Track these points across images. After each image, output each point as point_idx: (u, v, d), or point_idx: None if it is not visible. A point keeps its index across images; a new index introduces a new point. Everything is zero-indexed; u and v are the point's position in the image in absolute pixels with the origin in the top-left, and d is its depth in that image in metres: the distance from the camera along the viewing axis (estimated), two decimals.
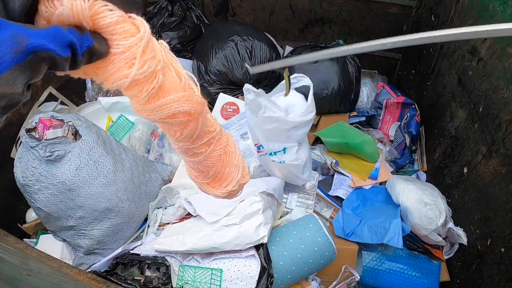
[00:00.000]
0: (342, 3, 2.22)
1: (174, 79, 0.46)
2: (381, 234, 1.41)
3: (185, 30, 2.33)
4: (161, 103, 0.45)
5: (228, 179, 0.63)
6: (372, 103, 2.19)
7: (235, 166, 0.63)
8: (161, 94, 0.45)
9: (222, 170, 0.62)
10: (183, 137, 0.52)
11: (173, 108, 0.46)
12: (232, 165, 0.63)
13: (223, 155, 0.61)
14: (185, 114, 0.48)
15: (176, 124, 0.49)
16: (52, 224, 1.34)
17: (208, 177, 0.62)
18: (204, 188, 0.65)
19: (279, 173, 1.56)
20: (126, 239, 1.42)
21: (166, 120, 0.47)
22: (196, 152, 0.56)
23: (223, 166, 0.61)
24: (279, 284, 1.22)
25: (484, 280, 1.29)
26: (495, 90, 1.31)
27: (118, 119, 1.71)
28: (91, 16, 0.38)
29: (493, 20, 1.33)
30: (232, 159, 0.62)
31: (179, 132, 0.51)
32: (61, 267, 0.84)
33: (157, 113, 0.46)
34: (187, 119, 0.49)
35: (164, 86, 0.45)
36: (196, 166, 0.59)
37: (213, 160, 0.59)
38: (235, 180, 0.64)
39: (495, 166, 1.28)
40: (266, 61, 1.96)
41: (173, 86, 0.46)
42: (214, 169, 0.60)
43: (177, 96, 0.46)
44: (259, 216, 1.19)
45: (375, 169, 1.76)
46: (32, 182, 1.24)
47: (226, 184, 0.63)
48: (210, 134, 0.56)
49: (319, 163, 1.78)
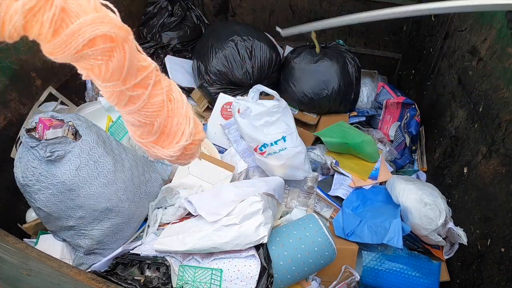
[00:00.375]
0: (342, 3, 2.22)
1: (79, 3, 0.40)
2: (381, 234, 1.41)
3: (185, 30, 2.33)
4: (72, 30, 0.39)
5: (179, 132, 0.54)
6: (372, 103, 2.19)
7: (184, 116, 0.55)
8: (68, 19, 0.39)
9: (169, 122, 0.53)
10: (110, 73, 0.44)
11: (88, 32, 0.40)
12: (180, 114, 0.54)
13: (167, 102, 0.52)
14: (105, 38, 0.42)
15: (98, 55, 0.42)
16: (52, 224, 1.34)
17: (153, 132, 0.53)
18: (153, 150, 0.55)
19: (281, 170, 1.58)
20: (126, 239, 1.42)
21: (85, 52, 0.40)
22: (132, 96, 0.48)
23: (169, 116, 0.53)
24: (279, 284, 1.22)
25: (484, 280, 1.29)
26: (495, 90, 1.31)
27: (118, 119, 1.71)
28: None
29: (493, 20, 1.33)
30: (178, 107, 0.54)
31: (104, 66, 0.43)
32: (61, 267, 0.84)
33: (71, 44, 0.39)
34: (109, 45, 0.42)
35: (69, 10, 0.39)
36: (137, 117, 0.50)
37: (155, 107, 0.50)
38: (187, 132, 0.54)
39: (495, 166, 1.28)
40: (266, 61, 1.95)
41: (81, 8, 0.40)
42: (159, 119, 0.52)
43: (88, 18, 0.40)
44: (259, 216, 1.19)
45: (375, 169, 1.76)
46: (32, 182, 1.24)
47: (177, 139, 0.54)
48: (144, 71, 0.48)
49: (319, 163, 1.78)
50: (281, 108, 1.57)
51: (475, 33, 1.46)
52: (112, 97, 0.47)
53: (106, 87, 0.46)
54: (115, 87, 0.46)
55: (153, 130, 0.52)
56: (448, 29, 1.72)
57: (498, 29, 1.30)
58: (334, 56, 1.95)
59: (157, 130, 0.52)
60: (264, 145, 1.56)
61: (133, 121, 0.51)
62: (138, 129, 0.53)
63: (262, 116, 1.55)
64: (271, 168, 1.60)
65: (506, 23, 0.85)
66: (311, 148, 1.86)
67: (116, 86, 0.45)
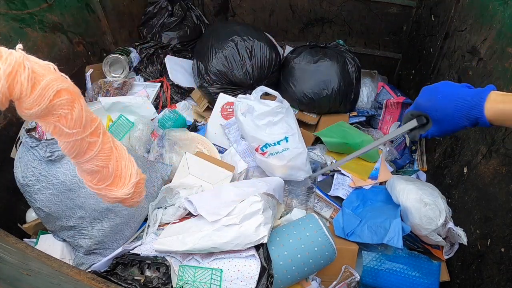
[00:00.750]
0: (342, 3, 2.22)
1: (41, 65, 0.51)
2: (381, 234, 1.41)
3: (185, 30, 2.33)
4: (44, 84, 0.50)
5: (128, 172, 0.65)
6: (372, 103, 2.19)
7: (128, 159, 0.66)
8: (38, 78, 0.50)
9: (119, 165, 0.64)
10: (74, 121, 0.55)
11: (55, 85, 0.51)
12: (125, 158, 0.65)
13: (114, 149, 0.63)
14: (67, 92, 0.53)
15: (64, 105, 0.53)
16: (52, 224, 1.34)
17: (109, 175, 0.63)
18: (111, 193, 0.65)
19: (282, 171, 1.58)
20: (126, 239, 1.42)
21: (55, 101, 0.51)
22: (90, 142, 0.59)
23: (118, 161, 0.64)
24: (279, 284, 1.22)
25: (484, 280, 1.29)
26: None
27: (118, 119, 1.71)
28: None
29: (493, 20, 1.33)
30: (122, 152, 0.65)
31: (70, 115, 0.54)
32: (61, 267, 0.84)
33: (45, 95, 0.50)
34: (70, 97, 0.54)
35: (36, 71, 0.50)
36: (95, 162, 0.61)
37: (107, 152, 0.62)
38: (134, 172, 0.66)
39: (495, 166, 1.28)
40: (266, 61, 1.95)
41: (44, 70, 0.51)
42: (111, 163, 0.63)
43: (53, 76, 0.52)
44: (259, 216, 1.19)
45: (375, 169, 1.76)
46: (32, 182, 1.24)
47: (128, 179, 0.65)
48: (96, 121, 0.60)
49: (319, 163, 1.78)
50: (284, 108, 1.58)
51: (475, 33, 1.46)
52: (75, 146, 0.58)
53: (73, 135, 0.56)
54: (78, 135, 0.57)
55: (108, 173, 0.63)
56: (448, 29, 1.72)
57: (498, 29, 1.30)
58: (334, 56, 1.95)
59: (111, 173, 0.63)
60: (266, 145, 1.57)
61: (92, 168, 0.62)
62: (96, 176, 0.63)
63: (266, 116, 1.56)
64: (272, 168, 1.60)
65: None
66: (311, 148, 1.86)
67: (79, 134, 0.57)
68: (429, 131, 0.88)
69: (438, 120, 0.84)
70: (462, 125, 0.80)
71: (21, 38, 1.60)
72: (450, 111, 0.80)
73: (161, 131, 1.72)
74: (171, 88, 2.03)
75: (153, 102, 1.95)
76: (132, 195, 0.67)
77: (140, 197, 0.69)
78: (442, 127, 0.84)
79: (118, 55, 2.02)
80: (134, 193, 0.67)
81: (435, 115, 0.84)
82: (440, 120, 0.84)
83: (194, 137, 1.74)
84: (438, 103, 0.83)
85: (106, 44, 2.19)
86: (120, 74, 2.04)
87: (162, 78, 2.07)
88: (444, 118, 0.83)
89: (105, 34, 2.16)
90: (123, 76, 2.04)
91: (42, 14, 1.69)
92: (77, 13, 1.92)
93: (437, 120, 0.85)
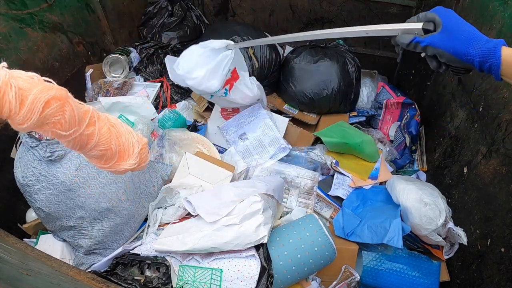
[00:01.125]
0: (342, 3, 2.22)
1: (27, 80, 0.53)
2: (381, 234, 1.41)
3: (185, 30, 2.33)
4: (32, 99, 0.52)
5: (130, 144, 0.70)
6: (372, 103, 2.19)
7: (127, 132, 0.70)
8: (25, 94, 0.52)
9: (121, 141, 0.69)
10: (69, 123, 0.58)
11: (43, 97, 0.53)
12: (124, 132, 0.70)
13: (112, 128, 0.67)
14: (55, 99, 0.55)
15: (56, 112, 0.55)
16: (52, 224, 1.34)
17: (114, 154, 0.68)
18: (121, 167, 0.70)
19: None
20: (126, 239, 1.42)
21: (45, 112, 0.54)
22: (89, 134, 0.63)
23: (118, 137, 0.69)
24: (279, 284, 1.22)
25: (484, 280, 1.29)
26: (495, 90, 1.31)
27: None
28: None
29: (493, 20, 1.33)
30: (120, 128, 0.69)
31: (63, 119, 0.57)
32: (61, 267, 0.84)
33: (35, 109, 0.52)
34: (59, 103, 0.56)
35: (23, 87, 0.52)
36: (99, 148, 0.65)
37: (107, 136, 0.66)
38: (135, 142, 0.71)
39: (495, 166, 1.28)
40: (266, 61, 1.96)
41: (30, 85, 0.53)
42: (113, 142, 0.67)
43: (39, 88, 0.53)
44: (259, 216, 1.19)
45: (375, 169, 1.76)
46: (32, 182, 1.24)
47: (131, 150, 0.71)
48: (88, 113, 0.63)
49: (319, 163, 1.78)
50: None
51: None
52: (76, 142, 0.61)
53: (71, 135, 0.59)
54: (76, 132, 0.60)
55: (113, 152, 0.67)
56: None
57: (498, 29, 1.30)
58: (334, 56, 1.95)
59: (115, 151, 0.68)
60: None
61: (97, 153, 0.66)
62: (102, 158, 0.67)
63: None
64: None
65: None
66: (311, 148, 1.86)
67: (77, 131, 0.60)
68: (431, 37, 0.75)
69: (450, 30, 0.72)
70: (470, 51, 0.70)
71: (21, 38, 1.60)
72: (467, 29, 0.71)
73: (161, 131, 1.72)
74: (171, 88, 2.03)
75: (153, 102, 1.95)
76: (139, 162, 0.72)
77: (146, 161, 0.74)
78: (449, 40, 0.72)
79: (118, 55, 2.02)
80: (141, 159, 0.72)
81: (451, 23, 0.73)
82: (452, 31, 0.72)
83: (194, 137, 1.74)
84: (461, 20, 0.74)
85: (106, 44, 2.19)
86: (120, 74, 2.04)
87: (162, 78, 2.07)
88: (458, 31, 0.71)
89: (105, 34, 2.16)
90: (123, 76, 2.04)
91: (42, 14, 1.69)
92: (77, 13, 1.92)
93: (450, 29, 0.72)
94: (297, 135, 1.89)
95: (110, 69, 2.04)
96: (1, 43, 1.51)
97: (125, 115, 1.73)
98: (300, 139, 1.89)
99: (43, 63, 1.73)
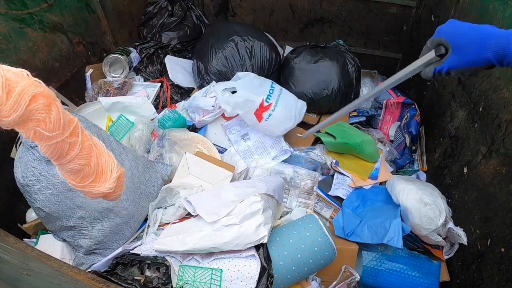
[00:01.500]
0: (342, 3, 2.22)
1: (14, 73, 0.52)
2: (381, 234, 1.41)
3: (185, 30, 2.33)
4: (19, 90, 0.51)
5: (109, 167, 0.68)
6: (372, 103, 2.19)
7: (107, 155, 0.68)
8: (12, 85, 0.50)
9: (100, 161, 0.66)
10: (53, 124, 0.56)
11: (30, 90, 0.52)
12: (104, 154, 0.67)
13: (93, 146, 0.65)
14: (43, 96, 0.54)
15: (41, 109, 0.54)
16: (52, 224, 1.34)
17: (92, 172, 0.65)
18: (95, 189, 0.68)
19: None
20: (126, 239, 1.42)
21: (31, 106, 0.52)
22: (71, 143, 0.61)
23: (98, 157, 0.66)
24: (279, 284, 1.22)
25: (484, 280, 1.29)
26: (495, 90, 1.31)
27: (118, 119, 1.71)
28: None
29: (493, 19, 1.33)
30: (101, 149, 0.67)
31: (48, 118, 0.55)
32: (61, 267, 0.84)
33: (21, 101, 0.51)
34: (47, 101, 0.55)
35: (10, 79, 0.50)
36: (77, 161, 0.63)
37: (88, 150, 0.64)
38: (114, 166, 0.68)
39: (495, 166, 1.28)
40: (266, 61, 1.95)
41: (18, 77, 0.51)
42: (93, 160, 0.65)
43: (27, 82, 0.52)
44: (259, 216, 1.19)
45: (375, 169, 1.76)
46: (32, 182, 1.24)
47: (109, 174, 0.67)
48: (73, 122, 0.61)
49: (319, 163, 1.78)
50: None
51: None
52: (57, 149, 0.59)
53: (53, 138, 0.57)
54: (59, 137, 0.58)
55: (91, 170, 0.65)
56: None
57: None
58: (334, 56, 1.95)
59: (94, 169, 0.65)
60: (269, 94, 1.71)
61: (74, 167, 0.64)
62: (79, 174, 0.65)
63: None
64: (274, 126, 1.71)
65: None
66: (311, 148, 1.86)
67: (59, 136, 0.58)
68: (447, 61, 0.77)
69: (460, 47, 0.74)
70: (486, 57, 0.71)
71: (21, 38, 1.60)
72: (474, 38, 0.72)
73: (161, 131, 1.72)
74: (171, 88, 2.03)
75: (153, 102, 1.95)
76: (114, 189, 0.69)
77: (121, 190, 0.72)
78: (463, 56, 0.74)
79: (118, 55, 2.02)
80: (116, 186, 0.69)
81: (457, 41, 0.75)
82: (462, 47, 0.74)
83: (194, 137, 1.74)
84: (463, 28, 0.75)
85: (106, 44, 2.19)
86: (120, 74, 2.04)
87: (162, 78, 2.07)
88: (467, 45, 0.73)
89: (105, 34, 2.16)
90: (123, 76, 2.04)
91: (42, 14, 1.70)
92: (77, 13, 1.92)
93: (459, 46, 0.74)
94: (297, 135, 1.89)
95: (110, 69, 2.04)
96: (1, 43, 1.51)
97: (125, 115, 1.73)
98: (300, 139, 1.89)
99: (43, 63, 1.73)
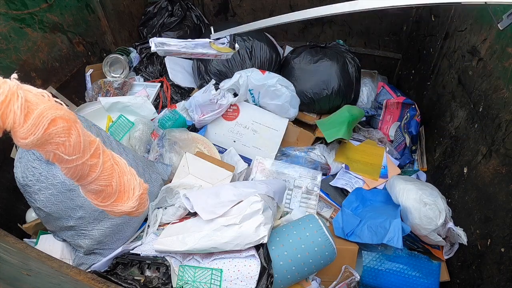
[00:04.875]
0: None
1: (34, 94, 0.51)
2: (381, 234, 1.41)
3: (185, 30, 2.33)
4: (38, 113, 0.50)
5: (131, 186, 0.67)
6: (372, 103, 2.19)
7: (130, 173, 0.67)
8: (31, 107, 0.50)
9: (122, 180, 0.66)
10: (73, 148, 0.55)
11: (50, 114, 0.51)
12: (126, 172, 0.66)
13: (115, 165, 0.64)
14: (63, 119, 0.53)
15: (61, 133, 0.53)
16: (52, 224, 1.34)
17: (113, 192, 0.65)
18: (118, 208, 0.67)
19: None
20: (126, 239, 1.42)
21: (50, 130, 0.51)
22: (91, 165, 0.60)
23: (120, 176, 0.65)
24: (279, 284, 1.22)
25: (484, 280, 1.29)
26: (495, 90, 1.31)
27: (118, 119, 1.71)
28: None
29: (493, 19, 1.33)
30: (123, 167, 0.66)
31: (67, 142, 0.54)
32: (61, 267, 0.84)
33: (40, 124, 0.50)
34: (66, 125, 0.54)
35: (30, 100, 0.50)
36: (99, 182, 0.62)
37: (109, 171, 0.63)
38: (137, 185, 0.68)
39: (495, 166, 1.28)
40: (266, 61, 1.96)
41: (38, 99, 0.51)
42: (115, 180, 0.64)
43: (47, 105, 0.51)
44: (259, 216, 1.19)
45: (384, 168, 1.78)
46: (32, 182, 1.24)
47: (132, 192, 0.67)
48: (94, 144, 0.60)
49: (319, 163, 1.79)
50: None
51: (475, 33, 1.46)
52: (77, 171, 0.58)
53: (73, 161, 0.56)
54: (79, 160, 0.57)
55: (112, 190, 0.64)
56: (448, 29, 1.72)
57: (498, 29, 1.30)
58: (334, 56, 1.95)
59: (115, 189, 0.65)
60: None
61: (96, 188, 0.63)
62: (100, 194, 0.64)
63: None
64: None
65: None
66: (311, 148, 1.86)
67: (79, 159, 0.57)
68: None
69: None
70: None
71: (21, 38, 1.60)
72: None
73: (161, 131, 1.72)
74: (171, 88, 2.03)
75: (153, 102, 1.95)
76: (137, 207, 0.68)
77: (144, 207, 0.71)
78: None
79: (118, 55, 2.02)
80: (139, 204, 0.68)
81: None
82: None
83: (194, 137, 1.74)
84: None
85: (106, 44, 2.19)
86: (120, 74, 2.04)
87: (162, 78, 2.07)
88: None
89: (105, 34, 2.16)
90: (123, 76, 2.04)
91: (42, 14, 1.70)
92: (77, 13, 1.92)
93: None
94: (297, 135, 1.89)
95: (110, 69, 2.04)
96: (1, 43, 1.51)
97: (125, 115, 1.73)
98: (300, 139, 1.89)
99: (43, 63, 1.73)
